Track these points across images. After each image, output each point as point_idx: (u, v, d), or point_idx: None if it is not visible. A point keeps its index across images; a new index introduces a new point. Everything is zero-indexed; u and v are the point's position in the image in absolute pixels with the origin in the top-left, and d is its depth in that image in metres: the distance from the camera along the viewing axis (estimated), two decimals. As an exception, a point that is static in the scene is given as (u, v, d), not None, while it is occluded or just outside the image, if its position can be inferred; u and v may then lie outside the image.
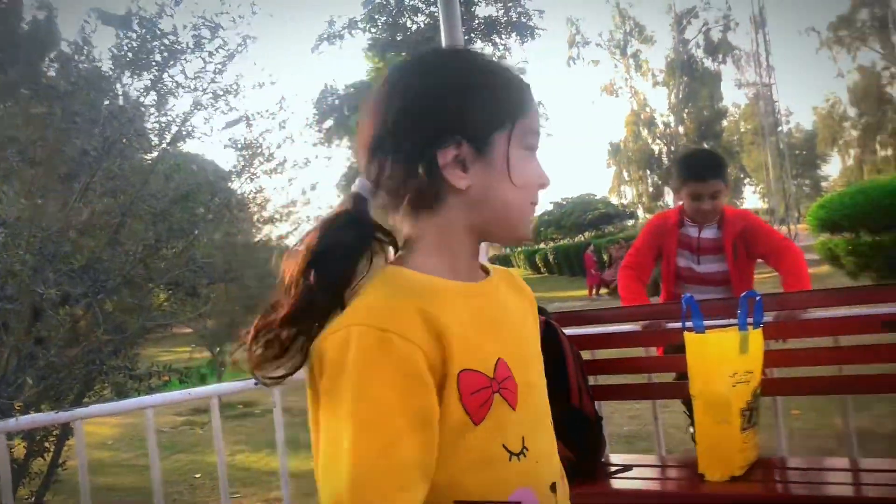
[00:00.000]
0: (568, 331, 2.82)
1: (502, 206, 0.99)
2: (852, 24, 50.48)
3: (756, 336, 2.38)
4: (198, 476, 5.74)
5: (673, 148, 40.58)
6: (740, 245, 3.23)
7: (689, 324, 2.41)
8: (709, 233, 3.27)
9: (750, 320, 2.38)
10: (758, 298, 2.42)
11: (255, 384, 2.94)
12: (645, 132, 48.70)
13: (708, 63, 40.22)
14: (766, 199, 23.16)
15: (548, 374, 2.53)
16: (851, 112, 55.85)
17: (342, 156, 27.63)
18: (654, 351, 2.97)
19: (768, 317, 2.51)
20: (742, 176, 67.38)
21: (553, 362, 2.58)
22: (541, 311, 2.73)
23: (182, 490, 5.39)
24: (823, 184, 67.54)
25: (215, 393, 2.91)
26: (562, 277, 36.98)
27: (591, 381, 2.95)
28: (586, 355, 2.95)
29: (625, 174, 50.59)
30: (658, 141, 43.74)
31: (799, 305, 2.61)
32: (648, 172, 46.55)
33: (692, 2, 41.55)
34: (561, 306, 18.56)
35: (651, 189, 47.07)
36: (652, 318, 2.89)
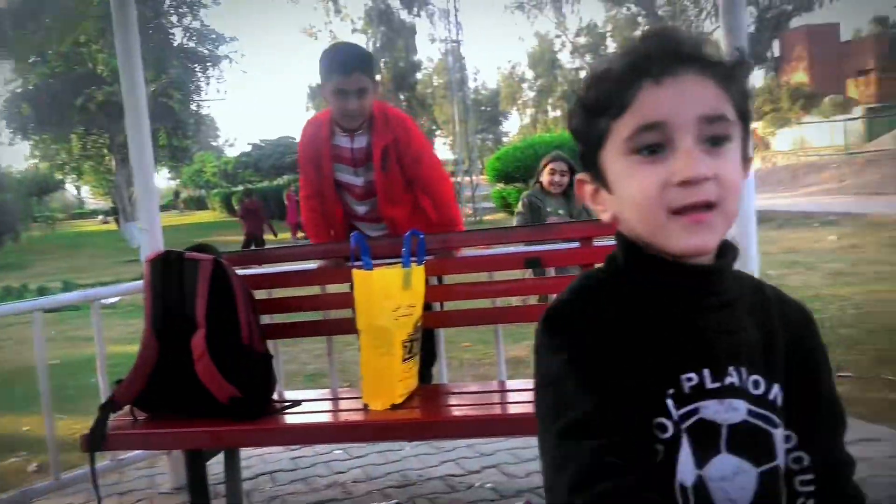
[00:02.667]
0: (242, 271, 2.77)
1: None
2: (532, -7, 55.18)
3: (418, 272, 2.52)
4: None
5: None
6: (392, 154, 2.97)
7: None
8: (362, 141, 2.99)
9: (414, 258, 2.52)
10: (421, 237, 2.56)
11: None
12: (344, 78, 48.90)
13: (404, 15, 41.41)
14: (454, 151, 24.69)
15: (217, 313, 2.48)
16: (529, 74, 61.51)
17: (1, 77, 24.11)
18: (332, 289, 3.02)
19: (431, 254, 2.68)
20: (434, 128, 71.16)
21: (222, 302, 2.52)
22: (209, 249, 2.65)
23: None
24: (504, 139, 73.82)
25: None
26: (259, 220, 36.33)
27: (268, 319, 2.94)
28: (262, 294, 2.93)
29: (324, 118, 50.67)
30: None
31: (458, 244, 2.81)
32: (347, 118, 46.86)
33: (391, -48, 42.23)
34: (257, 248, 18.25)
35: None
36: (323, 257, 2.93)
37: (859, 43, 44.06)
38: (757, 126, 35.75)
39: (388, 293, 2.40)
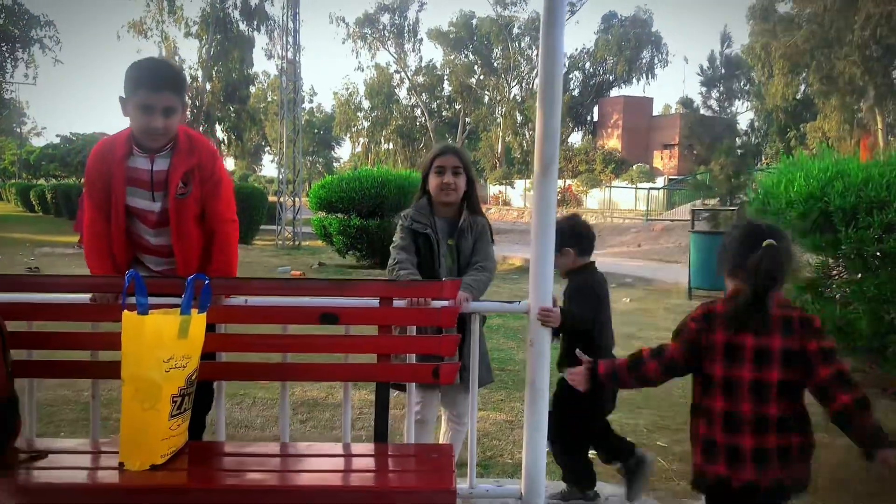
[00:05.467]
0: (-3, 297, 2.44)
1: None
2: (375, 25, 55.80)
3: (199, 320, 2.32)
4: None
5: (198, 103, 39.79)
6: (193, 181, 2.78)
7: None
8: (163, 164, 2.79)
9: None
10: (206, 282, 2.36)
11: None
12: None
13: (243, 27, 40.26)
14: (280, 171, 24.18)
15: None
16: (366, 104, 61.79)
17: None
18: (103, 326, 2.72)
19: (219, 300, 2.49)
20: (263, 144, 69.59)
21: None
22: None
23: None
24: (336, 165, 73.57)
25: None
26: (59, 219, 33.67)
27: (25, 355, 2.61)
28: (21, 326, 2.60)
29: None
30: (184, 93, 42.08)
31: (251, 292, 2.64)
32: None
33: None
34: (52, 251, 16.75)
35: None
36: (98, 290, 2.64)
37: (667, 119, 48.29)
38: (572, 183, 38.00)
39: (161, 342, 2.19)
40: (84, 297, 2.71)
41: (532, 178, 2.75)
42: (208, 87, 40.24)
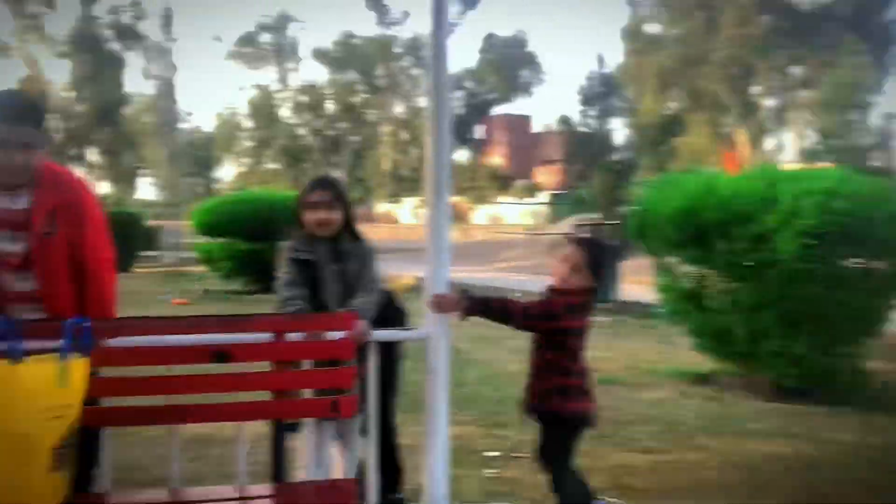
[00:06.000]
0: None
1: None
2: (255, 44, 54.90)
3: (79, 366, 2.18)
4: None
5: (70, 125, 37.91)
6: (60, 222, 2.63)
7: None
8: (23, 202, 2.60)
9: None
10: (87, 325, 2.23)
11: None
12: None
13: (115, 46, 38.63)
14: (161, 193, 23.38)
15: None
16: (248, 124, 60.48)
17: None
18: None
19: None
20: (140, 166, 66.94)
21: None
22: None
23: None
24: (218, 186, 71.59)
25: None
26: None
27: None
28: None
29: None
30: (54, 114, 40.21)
31: (135, 332, 2.50)
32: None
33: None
34: None
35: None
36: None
37: (548, 136, 49.78)
38: (459, 200, 38.53)
39: (37, 392, 2.04)
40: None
41: (422, 195, 2.79)
42: (80, 108, 38.45)
